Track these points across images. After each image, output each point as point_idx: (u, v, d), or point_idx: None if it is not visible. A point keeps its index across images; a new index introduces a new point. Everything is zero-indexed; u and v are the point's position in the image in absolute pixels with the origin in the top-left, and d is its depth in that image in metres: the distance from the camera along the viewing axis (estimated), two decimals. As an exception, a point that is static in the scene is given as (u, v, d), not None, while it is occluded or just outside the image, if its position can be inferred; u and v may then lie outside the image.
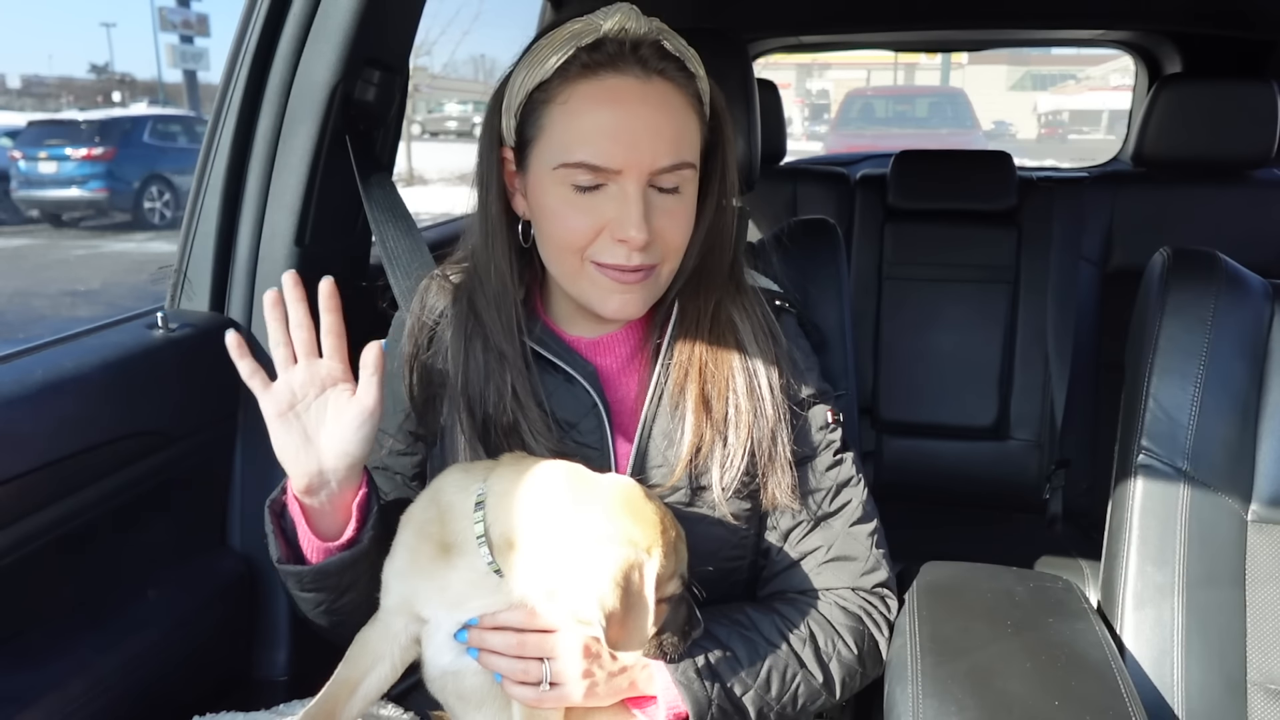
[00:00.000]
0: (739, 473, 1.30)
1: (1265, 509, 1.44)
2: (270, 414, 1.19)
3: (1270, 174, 3.03)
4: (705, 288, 1.35)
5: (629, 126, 1.18)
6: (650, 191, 1.21)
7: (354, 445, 1.19)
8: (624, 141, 1.17)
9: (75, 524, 1.45)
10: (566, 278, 1.29)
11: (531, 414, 1.30)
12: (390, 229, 1.72)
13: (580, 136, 1.19)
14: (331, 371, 1.19)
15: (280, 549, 1.27)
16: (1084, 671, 1.23)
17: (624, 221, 1.19)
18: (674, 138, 1.20)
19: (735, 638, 1.26)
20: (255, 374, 1.18)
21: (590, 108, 1.18)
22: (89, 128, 15.98)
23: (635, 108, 1.18)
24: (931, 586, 1.43)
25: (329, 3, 1.68)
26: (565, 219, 1.23)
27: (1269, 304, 1.50)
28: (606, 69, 1.18)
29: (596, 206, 1.21)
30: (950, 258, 3.14)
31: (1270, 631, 1.41)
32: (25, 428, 1.35)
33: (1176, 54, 3.65)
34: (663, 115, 1.20)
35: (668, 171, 1.20)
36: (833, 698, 1.32)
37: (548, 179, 1.22)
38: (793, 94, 43.47)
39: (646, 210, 1.20)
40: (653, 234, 1.21)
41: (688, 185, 1.25)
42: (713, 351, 1.32)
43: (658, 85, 1.19)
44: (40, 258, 13.44)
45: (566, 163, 1.19)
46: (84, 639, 1.44)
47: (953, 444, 3.14)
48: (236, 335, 1.18)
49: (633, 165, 1.18)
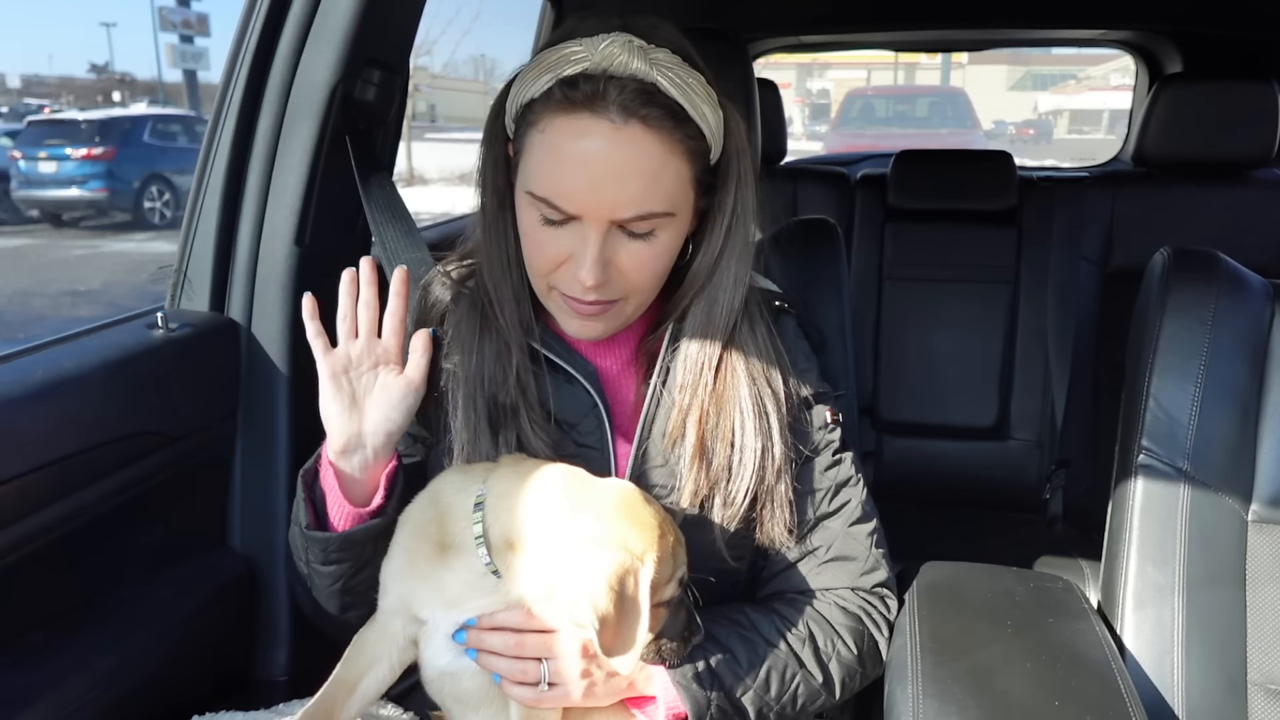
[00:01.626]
0: (741, 508, 1.31)
1: (1266, 509, 1.44)
2: (325, 374, 1.26)
3: (1271, 174, 3.04)
4: (711, 328, 1.32)
5: (594, 173, 1.15)
6: (618, 233, 1.19)
7: (396, 413, 1.27)
8: (586, 187, 1.15)
9: (75, 524, 1.45)
10: (540, 294, 1.32)
11: (535, 410, 1.31)
12: (390, 229, 1.72)
13: (547, 172, 1.17)
14: (388, 350, 1.29)
15: (308, 516, 1.29)
16: (1084, 671, 1.24)
17: (579, 263, 1.19)
18: (642, 189, 1.16)
19: (734, 638, 1.26)
20: (319, 336, 1.27)
21: (561, 144, 1.16)
22: (89, 127, 16.01)
23: (604, 154, 1.14)
24: (931, 586, 1.44)
25: (329, 2, 1.68)
26: (535, 244, 1.24)
27: (1269, 304, 1.50)
28: (581, 108, 1.14)
29: (560, 240, 1.20)
30: (950, 258, 3.15)
31: (1271, 632, 1.41)
32: (25, 427, 1.35)
33: (1177, 54, 3.67)
34: (632, 165, 1.15)
35: (633, 220, 1.18)
36: (832, 698, 1.32)
37: (524, 200, 1.22)
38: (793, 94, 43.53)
39: (608, 253, 1.19)
40: (614, 273, 1.22)
41: (664, 230, 1.22)
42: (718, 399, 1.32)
43: (634, 131, 1.14)
44: (40, 257, 13.47)
45: (533, 193, 1.19)
46: (84, 638, 1.44)
47: (953, 444, 3.16)
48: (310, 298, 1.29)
49: (592, 212, 1.16)
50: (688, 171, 1.21)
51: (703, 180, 1.25)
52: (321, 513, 1.30)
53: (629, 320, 1.32)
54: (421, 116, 38.34)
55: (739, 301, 1.32)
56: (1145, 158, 3.08)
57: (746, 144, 1.29)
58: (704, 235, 1.30)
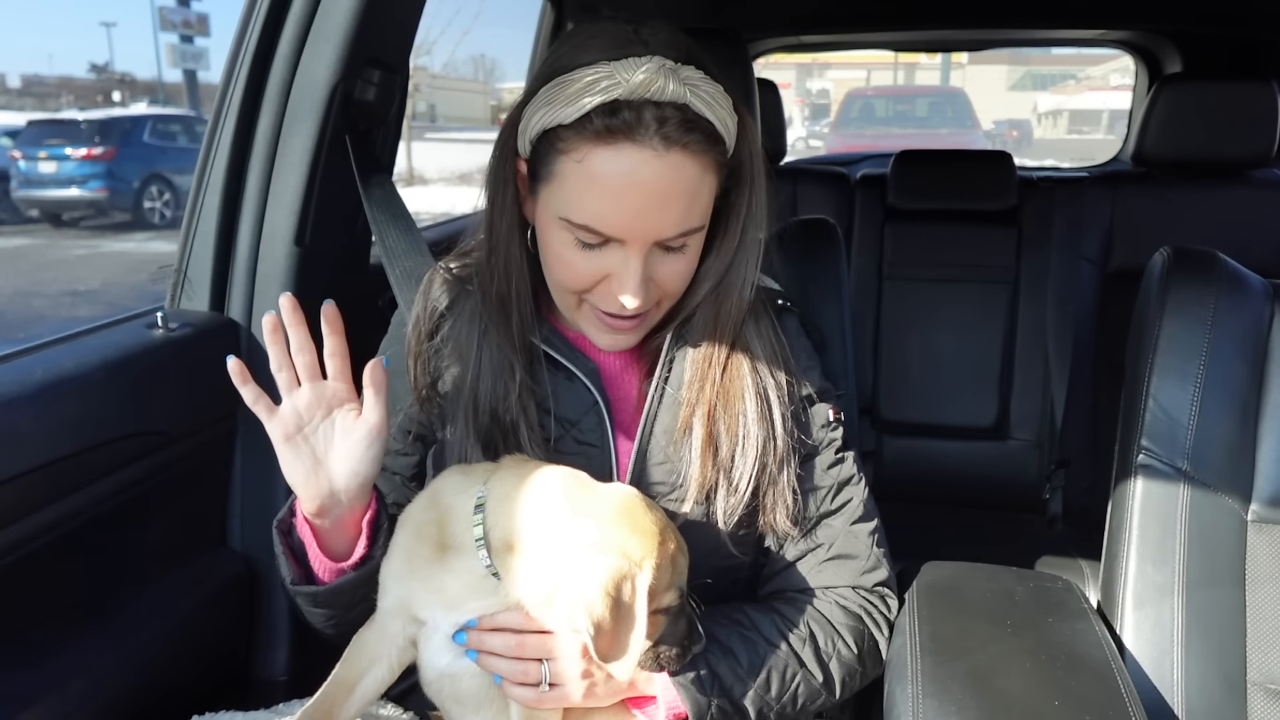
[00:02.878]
0: (744, 498, 1.31)
1: (1265, 509, 1.44)
2: (278, 439, 1.18)
3: (1270, 174, 3.05)
4: (721, 323, 1.33)
5: (639, 202, 1.15)
6: (655, 250, 1.21)
7: (364, 465, 1.19)
8: (631, 215, 1.16)
9: (76, 523, 1.46)
10: (566, 309, 1.32)
11: (530, 412, 1.31)
12: (390, 229, 1.72)
13: (589, 202, 1.16)
14: (337, 393, 1.19)
15: (292, 570, 1.27)
16: (1084, 671, 1.24)
17: (622, 284, 1.20)
18: (684, 210, 1.18)
19: (735, 638, 1.27)
20: (259, 400, 1.17)
21: (603, 176, 1.14)
22: (89, 127, 16.06)
23: (649, 184, 1.14)
24: (931, 586, 1.44)
25: (329, 2, 1.68)
26: (567, 265, 1.23)
27: (1269, 304, 1.50)
28: (623, 138, 1.13)
29: (597, 260, 1.21)
30: (950, 258, 3.16)
31: (1270, 631, 1.42)
32: (25, 427, 1.35)
33: (1177, 54, 3.68)
34: (675, 189, 1.16)
35: (673, 238, 1.20)
36: (833, 697, 1.32)
37: (554, 224, 1.21)
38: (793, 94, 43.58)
39: (649, 270, 1.21)
40: (651, 287, 1.23)
41: (695, 239, 1.24)
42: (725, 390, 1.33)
43: (675, 158, 1.14)
44: (40, 257, 13.51)
45: (573, 221, 1.18)
46: (85, 638, 1.45)
47: (953, 444, 3.16)
48: (237, 362, 1.17)
49: (637, 237, 1.18)
50: (716, 184, 1.23)
51: (724, 185, 1.27)
52: (303, 560, 1.28)
53: (652, 324, 1.34)
54: (421, 116, 38.46)
55: (747, 301, 1.34)
56: (1145, 158, 3.09)
57: (759, 146, 1.30)
58: (716, 234, 1.31)
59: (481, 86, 55.46)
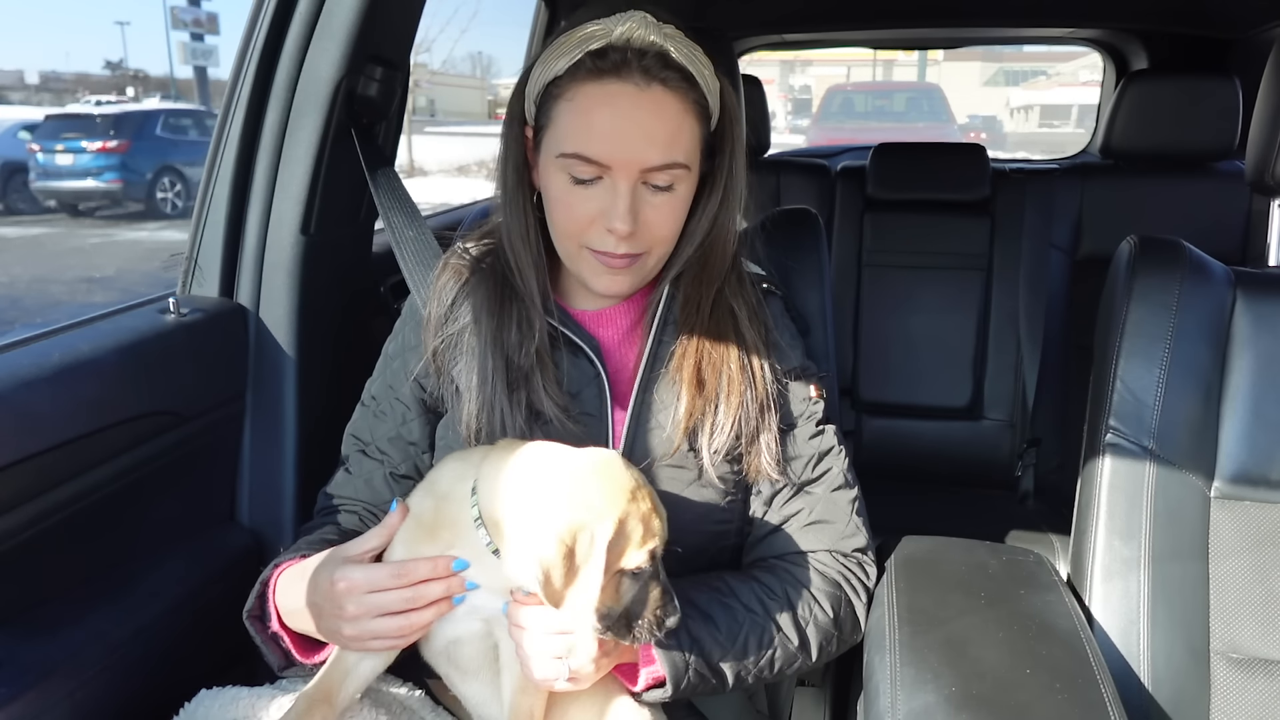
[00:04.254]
0: (728, 438, 1.35)
1: (1227, 486, 1.47)
2: None
3: (1232, 165, 3.07)
4: (708, 275, 1.42)
5: (623, 127, 1.25)
6: (643, 188, 1.29)
7: None
8: (617, 140, 1.25)
9: (90, 500, 1.48)
10: (567, 257, 1.38)
11: (549, 372, 1.36)
12: (397, 216, 1.75)
13: (580, 131, 1.26)
14: None
15: (278, 658, 1.32)
16: (1054, 641, 1.27)
17: (612, 214, 1.28)
18: (667, 141, 1.27)
19: (714, 604, 1.29)
20: None
21: (591, 107, 1.26)
22: (104, 121, 16.08)
23: (631, 111, 1.25)
24: (909, 560, 1.47)
25: (333, 2, 1.71)
26: (565, 206, 1.31)
27: (1230, 290, 1.52)
28: (610, 75, 1.25)
29: (592, 198, 1.29)
30: (926, 245, 3.20)
31: (1232, 603, 1.45)
32: (43, 408, 1.38)
33: (1143, 51, 3.71)
34: (657, 120, 1.26)
35: (658, 170, 1.27)
36: (810, 660, 1.35)
37: (553, 165, 1.30)
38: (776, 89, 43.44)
39: (636, 204, 1.28)
40: (641, 226, 1.30)
41: (681, 184, 1.32)
42: (711, 333, 1.39)
43: (656, 92, 1.25)
44: (57, 246, 13.52)
45: (566, 153, 1.27)
46: (99, 610, 1.46)
47: (929, 424, 3.19)
48: None
49: (623, 162, 1.26)
50: (698, 130, 1.32)
51: (707, 142, 1.36)
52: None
53: (650, 275, 1.41)
54: (421, 111, 38.22)
55: (730, 251, 1.44)
56: (1113, 150, 3.13)
57: (739, 112, 1.42)
58: (703, 196, 1.40)
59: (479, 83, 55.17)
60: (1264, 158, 1.67)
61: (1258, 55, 2.92)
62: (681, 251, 1.41)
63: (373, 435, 1.50)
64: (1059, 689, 1.17)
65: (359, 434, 1.52)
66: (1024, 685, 1.18)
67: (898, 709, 1.17)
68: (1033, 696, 1.16)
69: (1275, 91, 1.66)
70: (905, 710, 1.16)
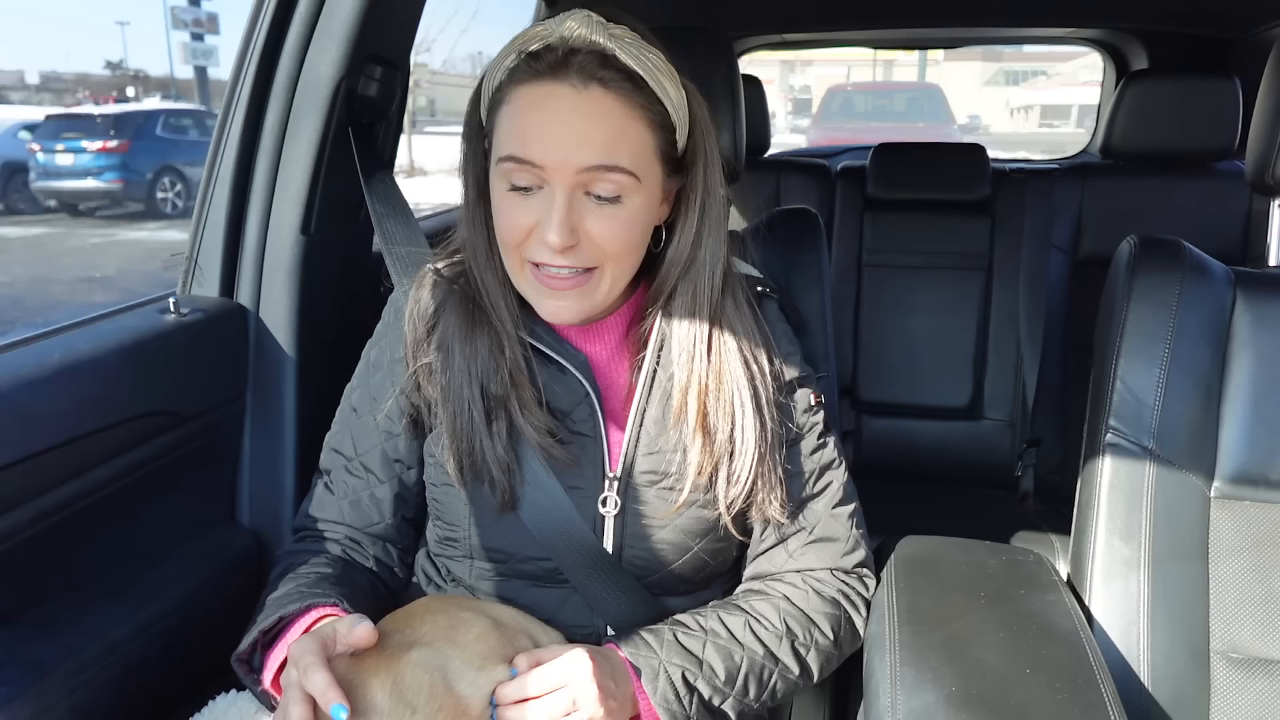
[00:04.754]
0: (744, 488, 1.32)
1: (1227, 486, 1.47)
2: None
3: (1232, 165, 3.07)
4: (699, 300, 1.34)
5: (558, 130, 1.18)
6: (586, 199, 1.22)
7: None
8: (551, 141, 1.18)
9: (91, 500, 1.47)
10: (512, 274, 1.31)
11: (525, 394, 1.31)
12: (390, 221, 1.73)
13: (516, 134, 1.21)
14: None
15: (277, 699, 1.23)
16: (1054, 641, 1.26)
17: (546, 222, 1.20)
18: (605, 143, 1.19)
19: (710, 650, 1.27)
20: None
21: (526, 109, 1.20)
22: (104, 122, 16.12)
23: (566, 114, 1.18)
24: (909, 560, 1.47)
25: (334, 2, 1.70)
26: (505, 215, 1.25)
27: (1230, 290, 1.52)
28: (546, 76, 1.19)
29: (530, 207, 1.22)
30: (926, 246, 3.20)
31: (1232, 603, 1.44)
32: (43, 408, 1.37)
33: (1143, 51, 3.71)
34: (593, 121, 1.19)
35: (594, 173, 1.20)
36: (811, 682, 1.34)
37: (495, 173, 1.25)
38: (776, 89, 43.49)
39: (575, 215, 1.21)
40: (584, 239, 1.23)
41: (631, 195, 1.23)
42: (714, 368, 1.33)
43: (594, 93, 1.19)
44: (58, 246, 13.54)
45: (501, 156, 1.22)
46: (100, 609, 1.45)
47: (929, 424, 3.19)
48: None
49: (556, 164, 1.19)
50: (651, 140, 1.24)
51: (669, 155, 1.28)
52: None
53: (605, 299, 1.30)
54: (422, 111, 38.26)
55: (719, 278, 1.34)
56: (1112, 150, 3.12)
57: (710, 125, 1.32)
58: (679, 217, 1.33)
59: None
60: (1264, 158, 1.67)
61: (1258, 55, 2.94)
62: (665, 280, 1.35)
63: (355, 450, 1.45)
64: (1059, 689, 1.17)
65: (340, 448, 1.47)
66: (1024, 685, 1.17)
67: (898, 709, 1.16)
68: (1033, 696, 1.16)
69: (1275, 92, 1.65)
70: (905, 710, 1.15)
